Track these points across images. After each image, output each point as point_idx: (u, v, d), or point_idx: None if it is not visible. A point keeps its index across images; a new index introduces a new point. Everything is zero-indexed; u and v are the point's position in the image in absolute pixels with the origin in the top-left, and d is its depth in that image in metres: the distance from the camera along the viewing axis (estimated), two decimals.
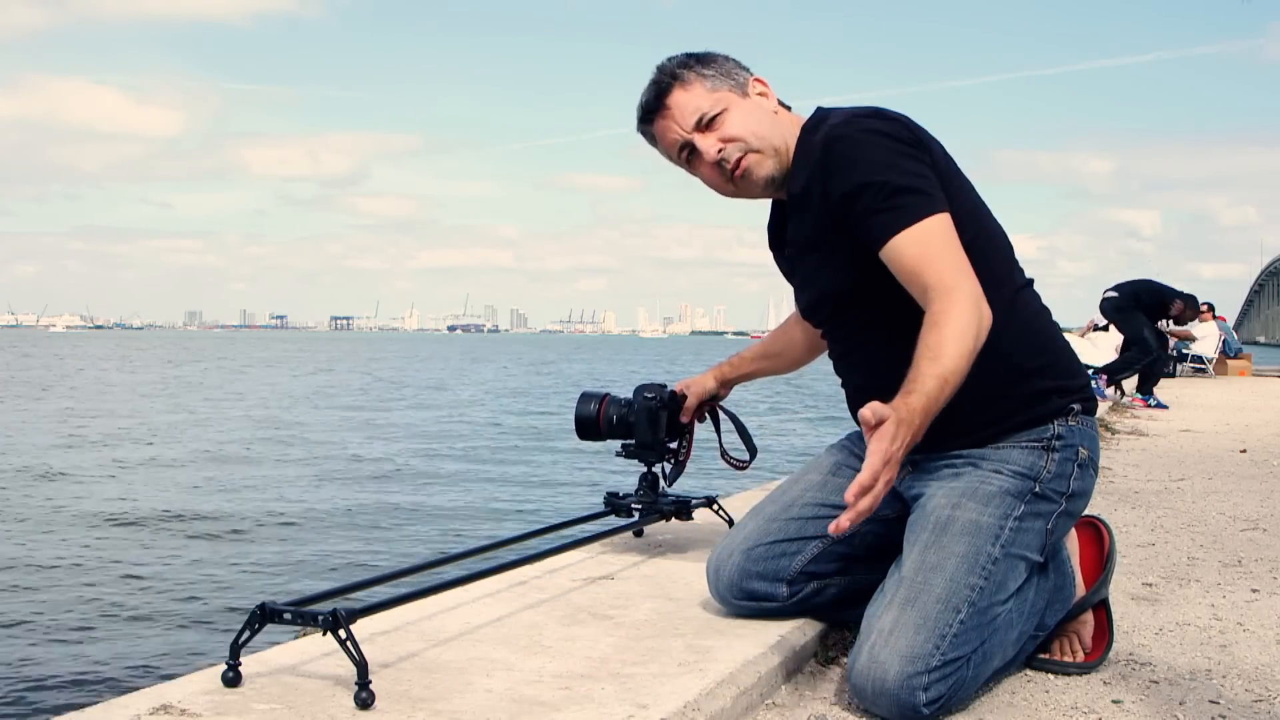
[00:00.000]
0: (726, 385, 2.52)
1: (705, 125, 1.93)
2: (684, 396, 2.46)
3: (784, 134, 1.95)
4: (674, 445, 2.48)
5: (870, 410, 1.55)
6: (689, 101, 1.93)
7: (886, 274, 1.79)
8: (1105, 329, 13.50)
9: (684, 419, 2.47)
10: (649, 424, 2.41)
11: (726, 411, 2.54)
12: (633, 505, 2.49)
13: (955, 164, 1.90)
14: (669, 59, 1.98)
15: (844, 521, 1.52)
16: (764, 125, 1.94)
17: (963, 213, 1.83)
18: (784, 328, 2.49)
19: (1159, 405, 9.30)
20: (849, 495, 1.52)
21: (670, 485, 2.54)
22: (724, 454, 2.50)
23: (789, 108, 2.02)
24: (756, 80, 1.98)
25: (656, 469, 2.52)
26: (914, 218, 1.75)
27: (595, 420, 2.45)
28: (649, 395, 2.42)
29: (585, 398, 2.48)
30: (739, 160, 1.92)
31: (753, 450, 2.50)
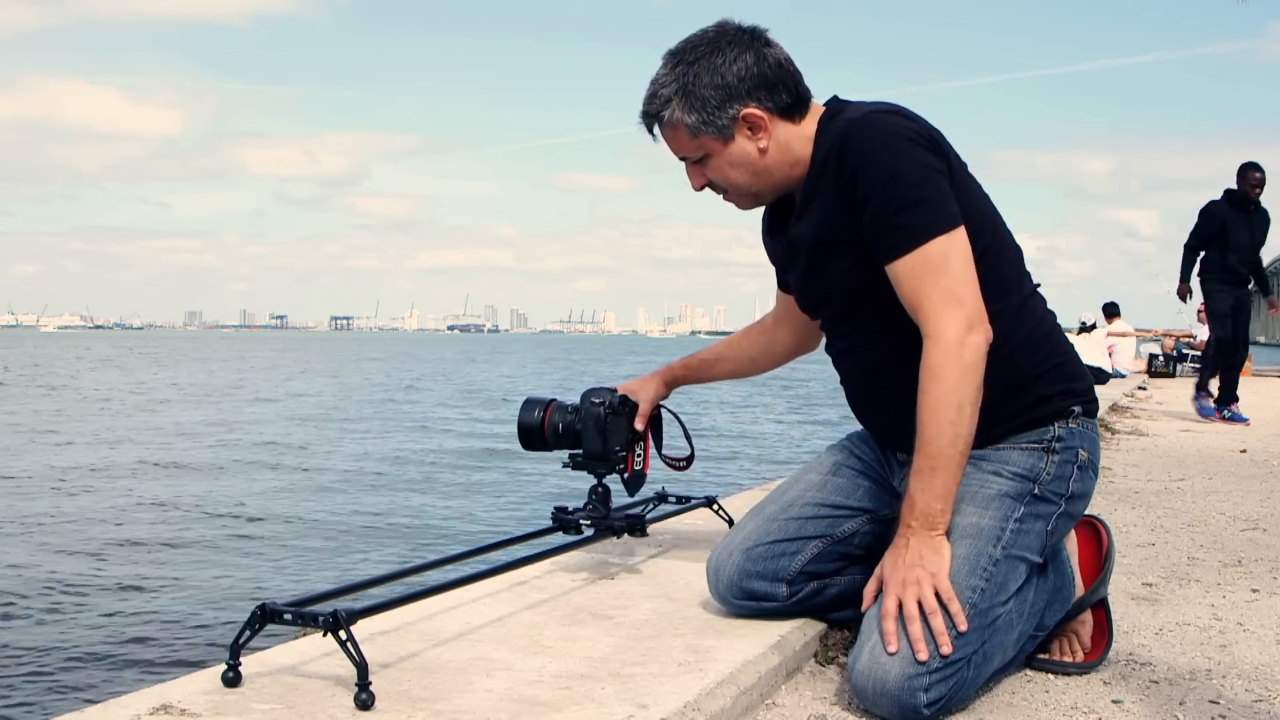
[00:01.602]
0: (672, 388, 2.37)
1: (690, 162, 1.94)
2: (635, 403, 2.28)
3: (775, 167, 1.90)
4: (624, 454, 2.26)
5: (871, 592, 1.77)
6: (673, 140, 1.93)
7: None
8: (1091, 328, 13.44)
9: (639, 425, 2.28)
10: (597, 432, 2.20)
11: (669, 410, 2.39)
12: (581, 521, 2.27)
13: (968, 170, 1.88)
14: (659, 83, 1.89)
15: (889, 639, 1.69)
16: (744, 173, 1.91)
17: (977, 221, 1.82)
18: (762, 329, 2.37)
19: (1209, 414, 7.99)
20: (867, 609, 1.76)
21: (631, 495, 2.36)
22: (663, 456, 2.38)
23: (808, 101, 1.92)
24: (748, 114, 1.86)
25: (609, 481, 2.31)
26: (916, 240, 1.74)
27: (539, 429, 2.24)
28: (596, 401, 2.20)
29: (529, 404, 2.27)
30: (722, 194, 1.97)
31: (691, 448, 2.39)
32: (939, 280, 1.74)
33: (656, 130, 1.93)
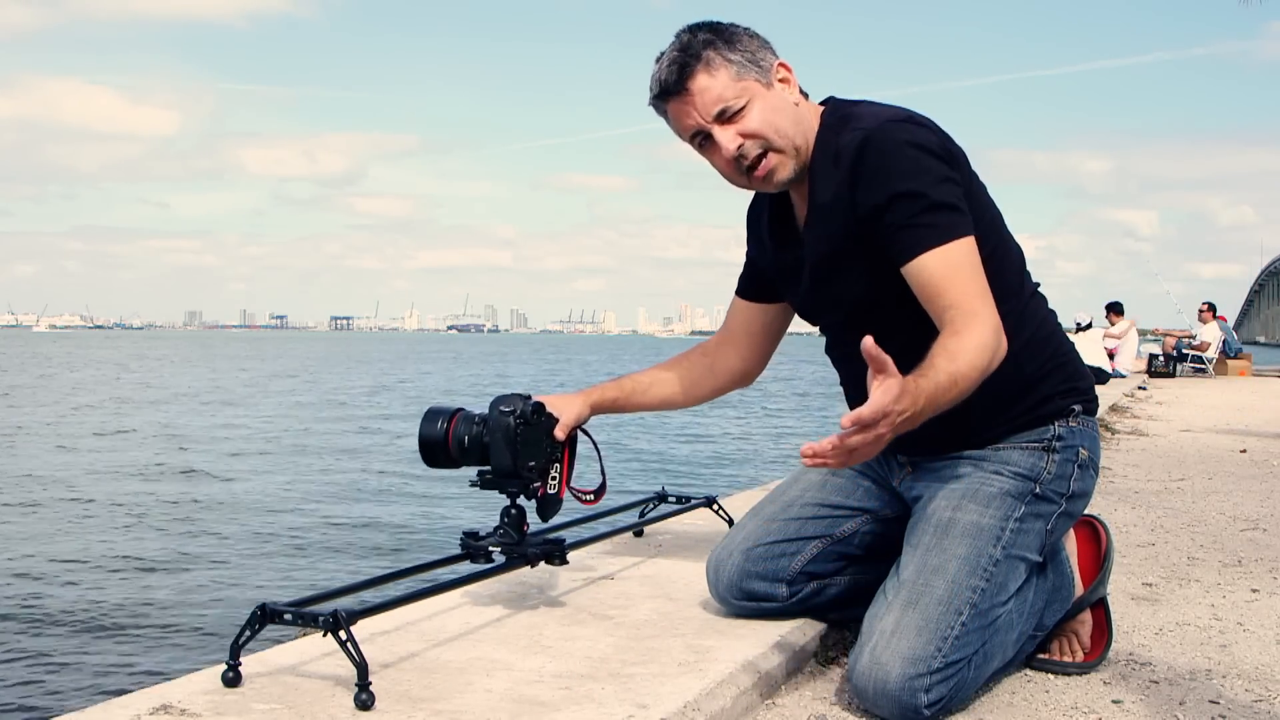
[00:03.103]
0: (597, 412, 2.10)
1: (726, 117, 1.81)
2: (552, 415, 2.00)
3: (805, 128, 1.86)
4: (539, 471, 1.96)
5: (875, 349, 1.48)
6: (712, 88, 1.79)
7: (905, 287, 1.77)
8: (1087, 327, 13.45)
9: (560, 435, 1.99)
10: (506, 445, 1.91)
11: (587, 435, 2.11)
12: (491, 548, 1.97)
13: (975, 174, 1.87)
14: (693, 30, 1.82)
15: (823, 445, 1.48)
16: (786, 121, 1.83)
17: (985, 224, 1.81)
18: (704, 352, 2.21)
19: None
20: (845, 420, 1.47)
21: (544, 521, 2.06)
22: (570, 488, 2.08)
23: (806, 95, 1.91)
24: (780, 65, 1.86)
25: (524, 502, 2.01)
26: (944, 238, 1.72)
27: (443, 442, 1.95)
28: (506, 410, 1.92)
29: (432, 415, 1.99)
30: (758, 158, 1.83)
31: (603, 478, 2.11)
32: (974, 277, 1.72)
33: (689, 82, 1.79)
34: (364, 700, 1.48)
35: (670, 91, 1.82)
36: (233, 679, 1.56)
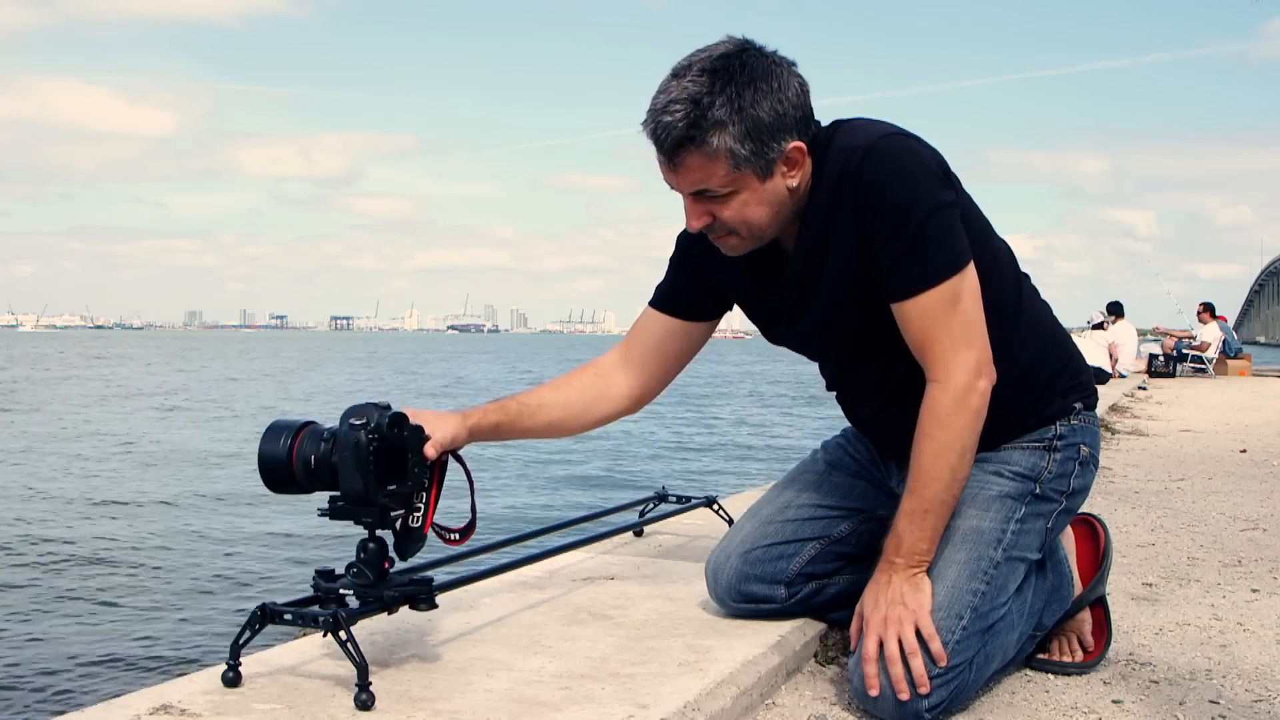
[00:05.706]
0: (476, 437, 1.80)
1: (704, 197, 1.68)
2: (419, 429, 1.65)
3: (790, 206, 1.73)
4: (399, 495, 1.63)
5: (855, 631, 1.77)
6: (699, 170, 1.64)
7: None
8: (1100, 327, 13.51)
9: (431, 453, 1.66)
10: (356, 466, 1.56)
11: (460, 460, 1.78)
12: (343, 591, 1.64)
13: (965, 190, 1.80)
14: (717, 85, 1.61)
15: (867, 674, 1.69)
16: (765, 214, 1.70)
17: (976, 249, 1.74)
18: (597, 371, 2.00)
19: None
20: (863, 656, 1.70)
21: (404, 559, 1.70)
22: (434, 524, 1.72)
23: (819, 126, 1.75)
24: (795, 149, 1.67)
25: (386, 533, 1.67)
26: (927, 282, 1.66)
27: (287, 463, 1.61)
28: (357, 423, 1.57)
29: (274, 430, 1.63)
30: (719, 237, 1.75)
31: (473, 514, 1.79)
32: (949, 324, 1.68)
33: (683, 155, 1.63)
34: (364, 700, 1.47)
35: (659, 150, 1.66)
36: (233, 679, 1.56)
